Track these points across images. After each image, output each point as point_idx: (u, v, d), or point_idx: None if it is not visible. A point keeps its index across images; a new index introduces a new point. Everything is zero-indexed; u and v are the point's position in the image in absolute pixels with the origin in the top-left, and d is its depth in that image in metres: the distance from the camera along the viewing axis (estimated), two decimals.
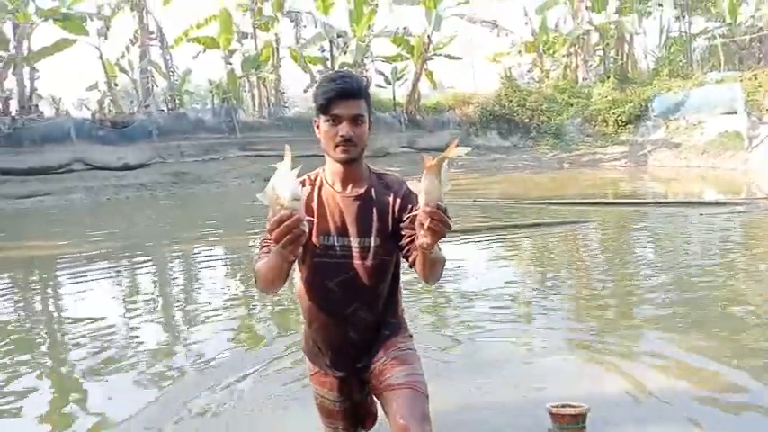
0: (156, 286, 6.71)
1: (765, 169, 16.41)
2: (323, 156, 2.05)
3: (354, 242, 2.03)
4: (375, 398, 2.26)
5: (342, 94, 1.91)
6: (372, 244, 2.03)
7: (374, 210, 2.04)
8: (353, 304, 2.07)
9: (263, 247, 2.00)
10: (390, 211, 2.05)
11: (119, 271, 7.50)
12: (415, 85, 25.85)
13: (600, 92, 24.93)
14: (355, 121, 1.94)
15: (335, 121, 1.94)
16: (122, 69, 23.72)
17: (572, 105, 25.09)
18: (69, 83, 52.45)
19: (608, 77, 25.88)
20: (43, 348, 4.44)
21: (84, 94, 25.61)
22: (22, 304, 5.98)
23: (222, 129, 21.92)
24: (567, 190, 14.47)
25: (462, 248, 7.14)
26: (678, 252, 6.80)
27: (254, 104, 25.98)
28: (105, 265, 7.78)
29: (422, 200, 1.63)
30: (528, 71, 31.02)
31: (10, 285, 6.96)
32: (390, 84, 26.31)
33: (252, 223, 10.74)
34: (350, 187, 2.06)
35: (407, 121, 25.07)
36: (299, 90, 28.14)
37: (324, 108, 1.94)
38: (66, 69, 38.54)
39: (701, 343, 3.68)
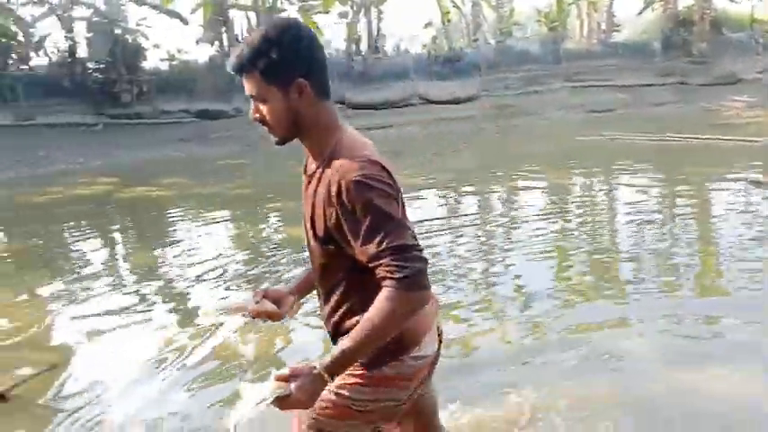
0: (479, 218, 7.17)
1: None
2: (655, 86, 1.81)
3: (308, 227, 1.66)
4: None
5: (234, 70, 1.56)
6: (311, 234, 1.65)
7: (315, 195, 1.59)
8: (319, 294, 1.77)
9: None
10: (323, 204, 1.55)
11: (447, 201, 8.25)
12: None
13: None
14: (256, 99, 1.57)
15: None
16: (455, 5, 24.71)
17: None
18: (407, 22, 56.96)
19: None
20: None
21: (420, 31, 27.49)
22: None
23: (547, 59, 21.55)
24: None
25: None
26: None
27: (581, 31, 24.81)
28: (435, 194, 8.64)
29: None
30: None
31: None
32: None
33: (574, 163, 10.57)
34: (309, 163, 1.67)
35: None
36: (630, 12, 25.92)
37: None
38: (404, 9, 42.33)
39: None
